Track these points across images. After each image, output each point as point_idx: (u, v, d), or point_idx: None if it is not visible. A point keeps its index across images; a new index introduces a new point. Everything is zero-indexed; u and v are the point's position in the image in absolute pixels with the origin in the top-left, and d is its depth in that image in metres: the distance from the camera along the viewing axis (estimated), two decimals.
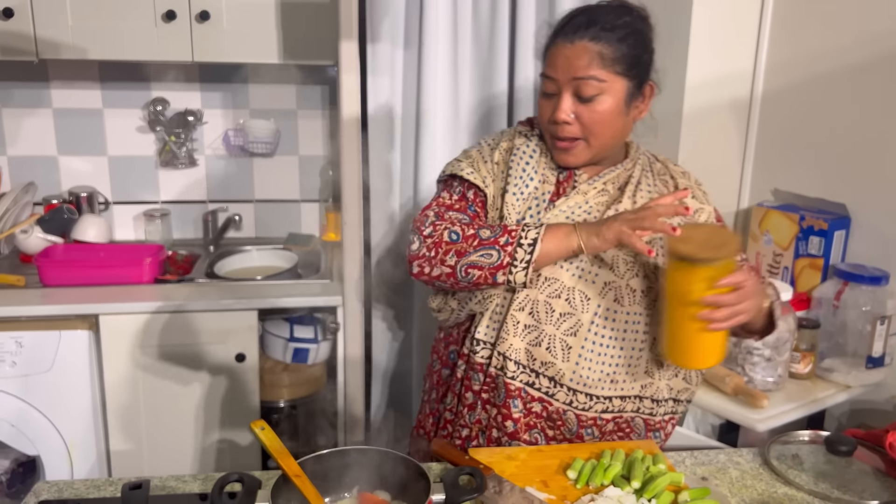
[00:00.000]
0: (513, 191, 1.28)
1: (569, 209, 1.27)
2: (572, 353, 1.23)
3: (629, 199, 1.29)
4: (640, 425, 1.30)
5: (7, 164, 2.41)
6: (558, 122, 1.22)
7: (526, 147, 1.32)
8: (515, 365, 1.25)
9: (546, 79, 1.24)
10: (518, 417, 1.27)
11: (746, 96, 1.99)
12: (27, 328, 1.90)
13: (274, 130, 2.44)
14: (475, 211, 1.30)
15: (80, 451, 1.97)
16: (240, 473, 1.00)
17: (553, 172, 1.31)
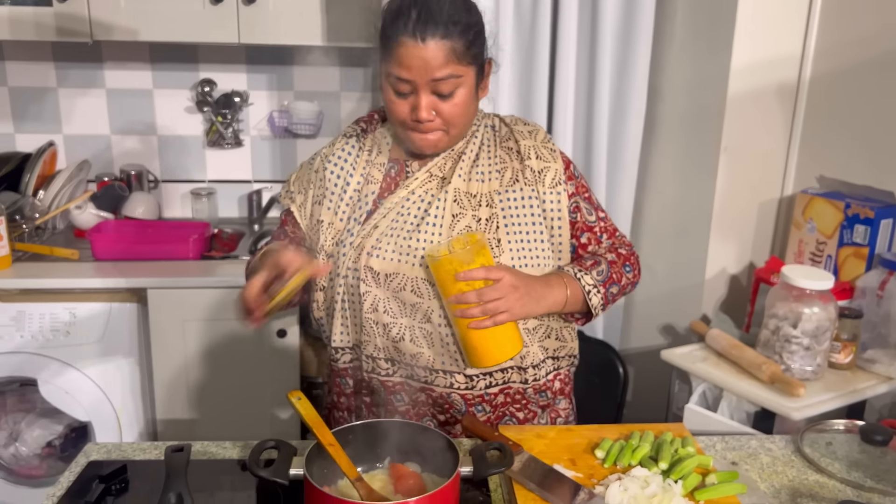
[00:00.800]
0: (325, 200, 1.30)
1: (396, 205, 1.27)
2: (434, 339, 1.24)
3: (461, 178, 1.27)
4: (530, 392, 1.31)
5: (63, 142, 2.50)
6: (422, 121, 1.20)
7: (342, 151, 1.32)
8: (387, 363, 1.27)
9: (399, 80, 1.18)
10: (406, 410, 1.29)
11: (794, 81, 1.95)
12: (80, 300, 1.98)
13: (317, 112, 2.48)
14: (286, 232, 1.35)
15: (128, 418, 2.05)
16: (276, 441, 1.04)
17: (380, 168, 1.31)
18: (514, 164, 1.29)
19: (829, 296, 1.61)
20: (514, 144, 1.31)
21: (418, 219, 1.26)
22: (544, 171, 1.29)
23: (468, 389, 1.27)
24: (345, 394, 1.35)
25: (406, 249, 1.24)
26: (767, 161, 2.01)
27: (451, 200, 1.26)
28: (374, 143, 1.33)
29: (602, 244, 1.36)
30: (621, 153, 2.11)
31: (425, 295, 1.23)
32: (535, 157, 1.29)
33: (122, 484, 1.09)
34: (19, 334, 1.96)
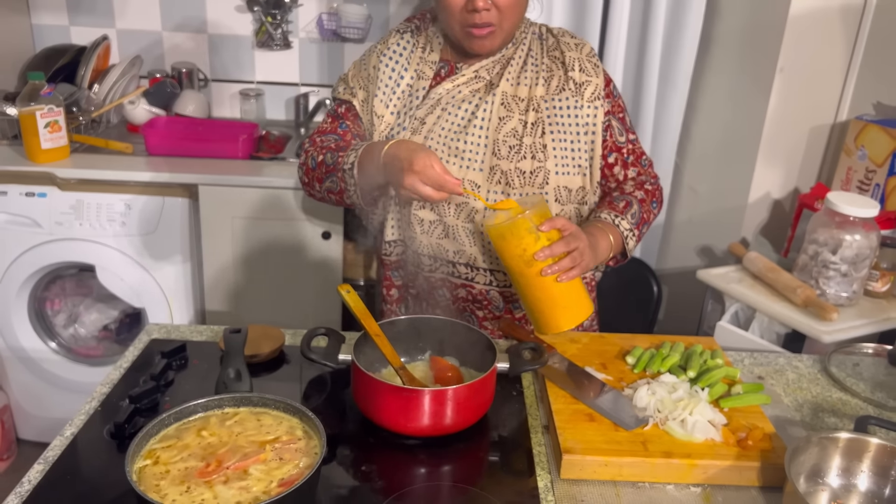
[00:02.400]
0: (379, 93, 1.32)
1: (437, 96, 1.30)
2: (476, 237, 1.29)
3: (508, 82, 1.30)
4: None
5: (116, 36, 2.53)
6: (478, 9, 1.20)
7: (396, 45, 1.34)
8: (431, 259, 1.33)
9: None
10: (447, 305, 1.36)
11: (860, 2, 1.88)
12: (135, 192, 2.06)
13: (366, 16, 2.46)
14: (346, 127, 1.35)
15: (179, 306, 2.16)
16: (326, 328, 1.11)
17: (432, 66, 1.33)
18: (559, 73, 1.31)
19: (873, 224, 1.60)
20: (560, 55, 1.33)
21: (465, 120, 1.29)
22: (585, 84, 1.31)
23: (506, 287, 1.33)
24: (395, 286, 1.41)
25: (454, 151, 1.28)
26: (824, 84, 1.96)
27: (498, 103, 1.29)
28: (427, 41, 1.35)
29: (628, 168, 1.38)
30: (673, 70, 2.08)
31: (471, 196, 1.26)
32: (579, 70, 1.31)
33: (181, 360, 1.18)
34: (78, 222, 2.05)
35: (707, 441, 1.00)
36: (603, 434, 1.01)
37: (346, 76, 1.40)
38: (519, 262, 1.11)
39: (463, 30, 1.24)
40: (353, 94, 1.36)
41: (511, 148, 1.28)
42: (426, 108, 1.30)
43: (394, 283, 1.41)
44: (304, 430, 0.92)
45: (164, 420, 0.91)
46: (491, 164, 1.28)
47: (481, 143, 1.28)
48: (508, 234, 1.10)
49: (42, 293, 2.22)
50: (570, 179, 1.30)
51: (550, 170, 1.28)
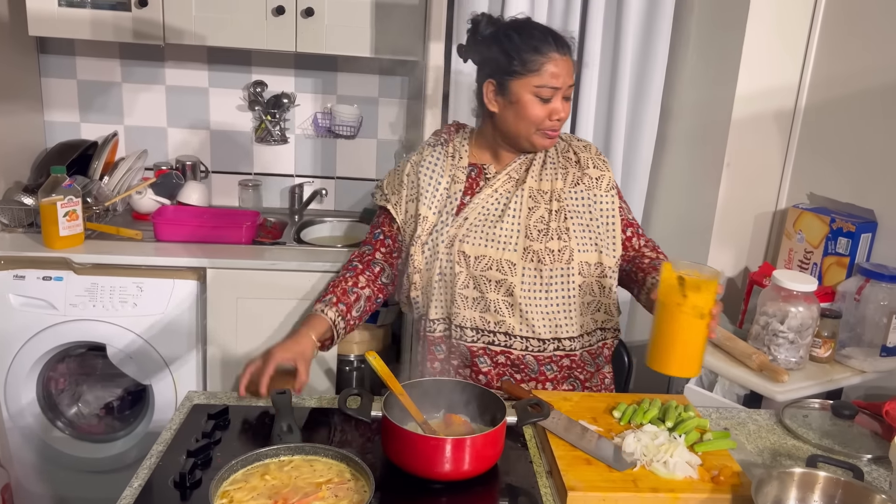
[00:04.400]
0: (425, 200, 1.58)
1: (482, 200, 1.58)
2: (514, 309, 1.53)
3: (534, 179, 1.59)
4: (587, 357, 1.60)
5: (124, 131, 2.73)
6: (562, 119, 1.52)
7: (431, 156, 1.63)
8: (473, 331, 1.56)
9: (549, 88, 1.49)
10: (488, 370, 1.58)
11: (790, 108, 2.20)
12: (146, 275, 2.22)
13: (358, 115, 2.72)
14: (379, 236, 1.65)
15: (183, 383, 2.28)
16: (358, 389, 1.28)
17: (463, 171, 1.61)
18: (573, 170, 1.60)
19: (813, 297, 1.85)
20: (573, 155, 1.63)
21: (499, 211, 1.56)
22: (601, 178, 1.62)
23: (539, 352, 1.56)
24: (438, 359, 1.61)
25: (491, 236, 1.55)
26: (765, 177, 2.26)
27: (526, 196, 1.57)
28: (455, 150, 1.62)
29: (640, 238, 1.67)
30: (634, 165, 2.36)
31: (508, 273, 1.52)
32: (593, 167, 1.62)
33: (225, 421, 1.33)
34: (91, 304, 2.19)
35: (686, 478, 1.19)
36: (599, 474, 1.19)
37: (381, 184, 1.67)
38: (689, 309, 1.24)
39: (538, 132, 1.53)
40: (386, 199, 1.63)
41: (540, 231, 1.54)
42: (469, 209, 1.56)
43: (437, 356, 1.61)
44: (351, 473, 1.09)
45: (233, 466, 1.06)
46: (524, 246, 1.54)
47: (514, 228, 1.54)
48: (704, 286, 1.23)
49: (49, 373, 2.33)
50: (590, 256, 1.57)
51: (574, 248, 1.55)
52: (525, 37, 1.50)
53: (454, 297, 1.55)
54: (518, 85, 1.50)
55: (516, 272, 1.53)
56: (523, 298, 1.53)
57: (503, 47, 1.51)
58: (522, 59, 1.49)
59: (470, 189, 1.60)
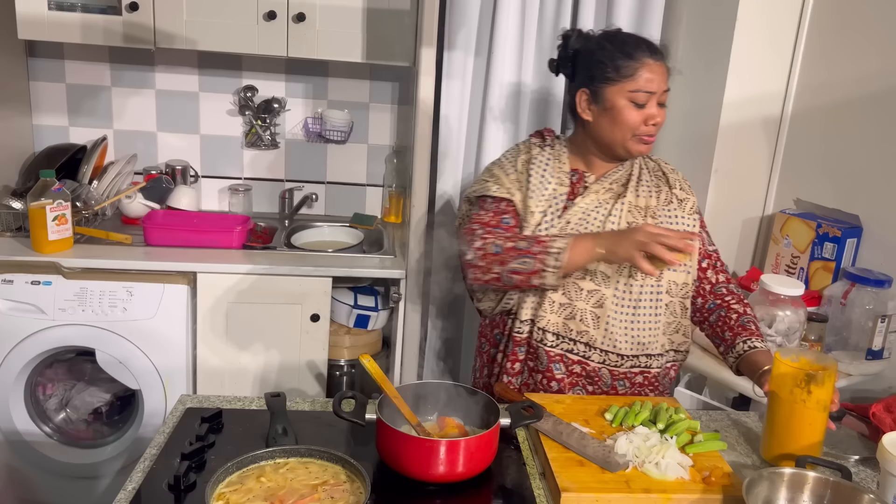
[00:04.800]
0: (534, 196, 1.58)
1: (585, 206, 1.58)
2: (601, 322, 1.53)
3: (632, 194, 1.60)
4: (660, 375, 1.60)
5: (113, 136, 2.72)
6: (657, 124, 1.54)
7: (541, 157, 1.62)
8: (554, 336, 1.55)
9: (644, 93, 1.51)
10: (561, 378, 1.56)
11: (777, 115, 2.23)
12: (136, 279, 2.21)
13: (348, 120, 2.72)
14: (508, 222, 1.58)
15: (174, 387, 2.27)
16: (353, 392, 1.28)
17: (567, 176, 1.61)
18: (665, 189, 1.62)
19: (800, 302, 1.87)
20: (663, 175, 1.66)
21: (600, 222, 1.56)
22: (685, 200, 1.64)
23: (616, 367, 1.56)
24: (518, 360, 1.60)
25: None
26: (752, 183, 2.28)
27: (626, 210, 1.58)
28: (558, 155, 1.63)
29: (718, 273, 1.66)
30: None
31: (602, 284, 1.53)
32: (679, 188, 1.64)
33: (218, 424, 1.33)
34: (81, 308, 2.18)
35: (678, 479, 1.21)
36: (593, 476, 1.20)
37: (495, 177, 1.63)
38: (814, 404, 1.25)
39: (634, 137, 1.54)
40: (511, 193, 1.59)
41: None
42: (571, 212, 1.56)
43: (518, 357, 1.60)
44: (346, 475, 1.09)
45: (228, 469, 1.06)
46: None
47: None
48: (828, 378, 1.25)
49: (38, 378, 2.31)
50: (678, 276, 1.58)
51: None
52: (618, 44, 1.54)
53: (542, 299, 1.55)
54: (612, 92, 1.52)
55: (610, 284, 1.53)
56: (612, 311, 1.53)
57: (596, 56, 1.54)
58: (616, 66, 1.51)
59: (571, 194, 1.60)
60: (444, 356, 2.61)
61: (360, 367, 2.59)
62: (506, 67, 2.26)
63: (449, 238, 2.48)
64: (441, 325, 2.57)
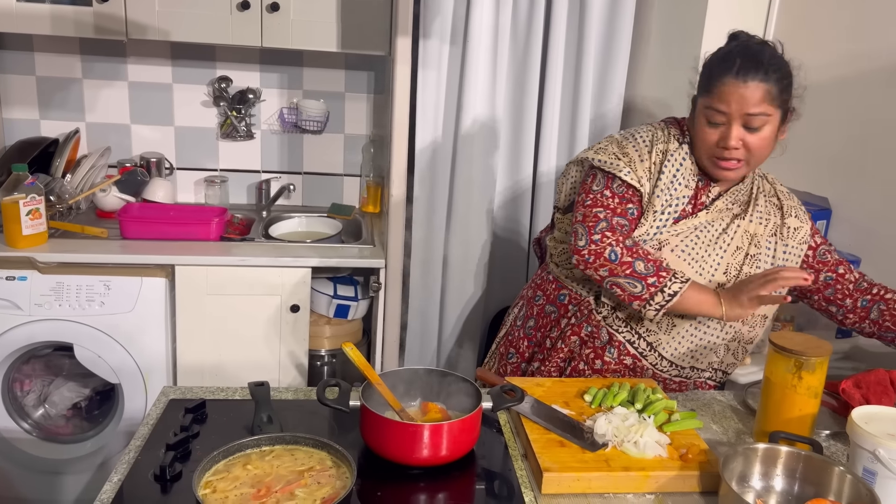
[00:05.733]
0: (661, 194, 1.50)
1: (699, 223, 1.53)
2: (673, 330, 1.54)
3: (748, 218, 1.55)
4: (692, 386, 1.63)
5: (85, 129, 2.69)
6: (729, 148, 1.44)
7: (677, 154, 1.53)
8: (623, 323, 1.56)
9: (716, 112, 1.43)
10: (609, 361, 1.58)
11: None
12: (113, 273, 2.19)
13: (324, 110, 2.72)
14: (633, 213, 1.51)
15: (154, 381, 2.26)
16: (336, 380, 1.29)
17: (694, 179, 1.54)
18: (775, 218, 1.58)
19: None
20: (777, 201, 1.60)
21: (712, 238, 1.53)
22: (799, 229, 1.60)
23: (662, 371, 1.58)
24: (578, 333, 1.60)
25: (696, 257, 1.52)
26: None
27: (740, 234, 1.54)
28: (690, 155, 1.54)
29: (853, 272, 1.64)
30: None
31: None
32: (794, 216, 1.60)
33: (202, 415, 1.33)
34: (57, 303, 2.16)
35: (656, 457, 1.24)
36: (573, 456, 1.23)
37: (628, 157, 1.52)
38: (805, 391, 1.29)
39: (711, 159, 1.48)
40: (641, 183, 1.51)
41: (735, 272, 1.53)
42: (687, 222, 1.52)
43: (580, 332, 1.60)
44: (332, 461, 1.10)
45: (215, 457, 1.07)
46: (718, 281, 1.52)
47: (717, 260, 1.52)
48: (819, 365, 1.28)
49: (14, 374, 2.29)
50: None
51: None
52: (720, 54, 1.47)
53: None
54: (700, 103, 1.48)
55: None
56: (687, 327, 1.53)
57: (704, 63, 1.49)
58: (704, 76, 1.47)
59: (693, 199, 1.54)
60: (425, 344, 2.63)
61: (341, 357, 2.62)
62: (481, 56, 2.28)
63: (426, 227, 2.49)
64: (421, 314, 2.59)
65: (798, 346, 1.30)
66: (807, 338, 1.35)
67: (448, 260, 2.51)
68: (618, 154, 1.53)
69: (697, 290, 1.45)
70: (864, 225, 1.99)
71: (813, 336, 1.36)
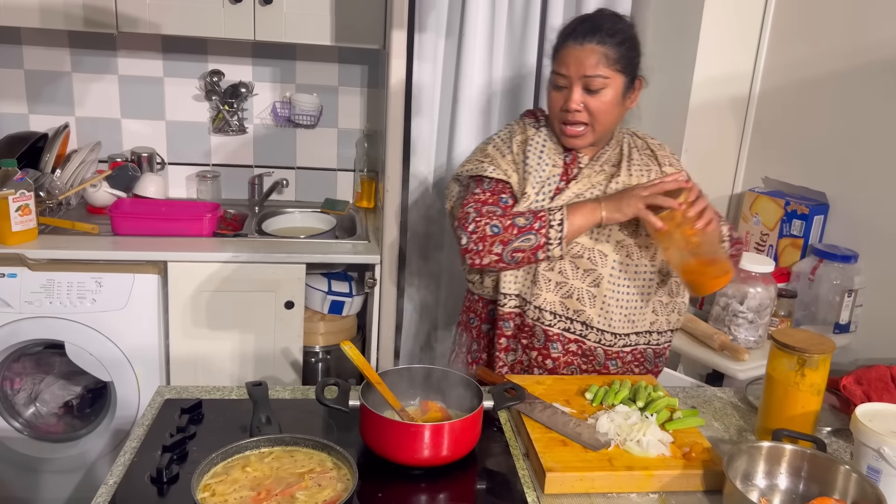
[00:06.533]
0: (530, 177, 1.55)
1: (579, 190, 1.55)
2: (597, 301, 1.53)
3: (625, 173, 1.57)
4: (650, 354, 1.61)
5: (75, 123, 2.65)
6: (570, 110, 1.49)
7: (538, 137, 1.59)
8: (552, 315, 1.55)
9: (558, 75, 1.50)
10: (557, 357, 1.57)
11: (745, 95, 2.26)
12: (104, 270, 2.16)
13: (317, 104, 2.69)
14: (507, 201, 1.54)
15: (147, 379, 2.24)
16: (335, 379, 1.28)
17: (560, 157, 1.59)
18: (654, 167, 1.60)
19: (770, 278, 1.91)
20: (651, 153, 1.62)
21: None
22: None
23: (610, 346, 1.56)
24: (505, 335, 1.60)
25: None
26: (721, 162, 2.31)
27: (620, 189, 1.54)
28: (552, 136, 1.59)
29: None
30: None
31: (599, 263, 1.52)
32: (669, 165, 1.62)
33: (198, 415, 1.31)
34: (48, 301, 2.13)
35: (659, 456, 1.23)
36: (576, 455, 1.22)
37: (490, 157, 1.58)
38: (807, 388, 1.28)
39: (559, 126, 1.53)
40: (507, 175, 1.55)
41: (630, 227, 1.53)
42: (565, 196, 1.53)
43: (504, 332, 1.59)
44: (332, 462, 1.09)
45: (213, 460, 1.05)
46: (618, 239, 1.53)
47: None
48: (822, 363, 1.28)
49: (5, 372, 2.26)
50: None
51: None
52: (566, 24, 1.54)
53: (536, 277, 1.53)
54: (551, 72, 1.53)
55: (606, 264, 1.52)
56: (609, 291, 1.53)
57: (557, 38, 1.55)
58: (554, 46, 1.53)
59: (565, 174, 1.57)
60: (420, 340, 2.61)
61: (336, 353, 2.60)
62: (477, 49, 2.25)
63: (423, 222, 2.47)
64: (417, 309, 2.57)
65: (801, 343, 1.29)
66: (809, 334, 1.34)
67: (444, 255, 2.49)
68: (480, 158, 1.60)
69: (577, 206, 1.47)
70: (862, 220, 1.99)
71: (815, 332, 1.36)
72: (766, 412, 1.35)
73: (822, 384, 1.30)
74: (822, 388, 1.31)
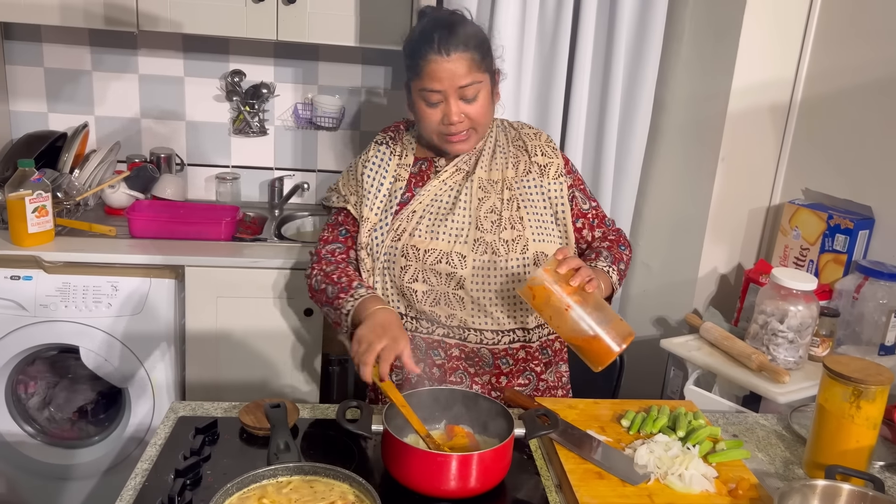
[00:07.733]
0: (367, 198, 1.54)
1: (430, 193, 1.53)
2: (465, 303, 1.49)
3: (482, 169, 1.54)
4: (540, 347, 1.56)
5: (94, 122, 2.61)
6: (453, 123, 1.44)
7: (376, 156, 1.58)
8: (428, 323, 1.51)
9: (430, 92, 1.42)
10: (441, 363, 1.52)
11: (786, 102, 2.16)
12: (121, 274, 2.11)
13: (340, 106, 2.63)
14: (346, 233, 1.57)
15: (162, 386, 2.18)
16: (357, 402, 1.21)
17: (407, 168, 1.56)
18: (524, 158, 1.56)
19: (813, 296, 1.81)
20: (522, 144, 1.59)
21: (450, 204, 1.51)
22: (548, 165, 1.57)
23: (494, 345, 1.51)
24: None
25: (442, 228, 1.50)
26: (760, 172, 2.22)
27: (476, 187, 1.52)
28: (403, 148, 1.58)
29: (594, 230, 1.63)
30: (626, 160, 2.31)
31: (458, 265, 1.47)
32: (541, 154, 1.57)
33: (213, 436, 1.25)
34: (63, 304, 2.08)
35: (703, 492, 1.14)
36: (613, 489, 1.14)
37: (336, 186, 1.63)
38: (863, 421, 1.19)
39: (441, 137, 1.49)
40: (346, 200, 1.58)
41: (493, 223, 1.49)
42: (416, 204, 1.51)
43: None
44: (355, 495, 1.02)
45: (228, 490, 0.99)
46: (475, 237, 1.49)
47: (465, 220, 1.50)
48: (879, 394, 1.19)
49: (18, 376, 2.21)
50: (546, 246, 1.52)
51: (529, 238, 1.50)
52: (415, 35, 1.45)
53: (403, 290, 1.50)
54: (413, 87, 1.47)
55: (466, 264, 1.48)
56: (474, 291, 1.48)
57: (404, 47, 1.48)
58: (409, 61, 1.45)
59: (419, 184, 1.55)
60: None
61: None
62: (507, 53, 2.17)
63: None
64: None
65: (856, 373, 1.21)
66: (865, 363, 1.25)
67: None
68: (332, 185, 1.65)
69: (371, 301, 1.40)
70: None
71: (871, 361, 1.27)
72: (816, 445, 1.26)
73: (879, 417, 1.21)
74: (879, 422, 1.22)
